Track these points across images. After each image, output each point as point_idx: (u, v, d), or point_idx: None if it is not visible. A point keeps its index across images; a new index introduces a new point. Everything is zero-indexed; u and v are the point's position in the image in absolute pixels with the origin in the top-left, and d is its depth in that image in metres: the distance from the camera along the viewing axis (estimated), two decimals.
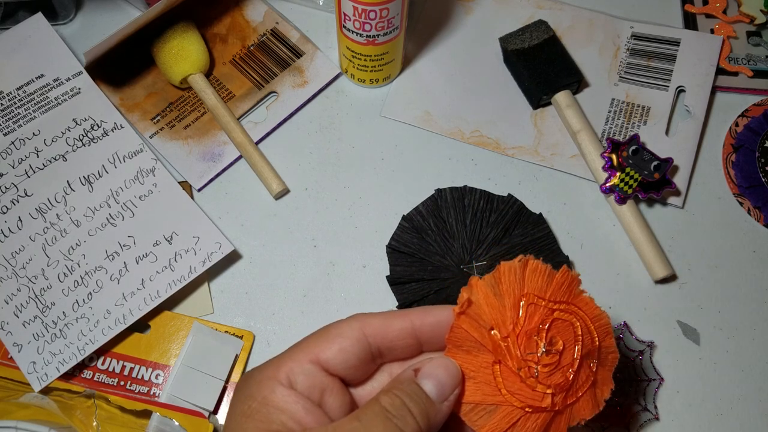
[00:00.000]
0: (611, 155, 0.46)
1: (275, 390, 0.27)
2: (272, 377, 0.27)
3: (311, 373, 0.28)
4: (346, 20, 0.44)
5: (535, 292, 0.28)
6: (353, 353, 0.28)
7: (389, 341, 0.29)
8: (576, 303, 0.29)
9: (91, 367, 0.42)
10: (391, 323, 0.29)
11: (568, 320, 0.28)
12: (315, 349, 0.28)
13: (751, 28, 0.53)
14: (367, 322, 0.29)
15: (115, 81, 0.50)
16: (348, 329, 0.28)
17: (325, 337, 0.28)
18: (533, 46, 0.49)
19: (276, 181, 0.46)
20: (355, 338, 0.28)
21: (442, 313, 0.29)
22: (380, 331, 0.29)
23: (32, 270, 0.43)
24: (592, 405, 0.29)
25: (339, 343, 0.28)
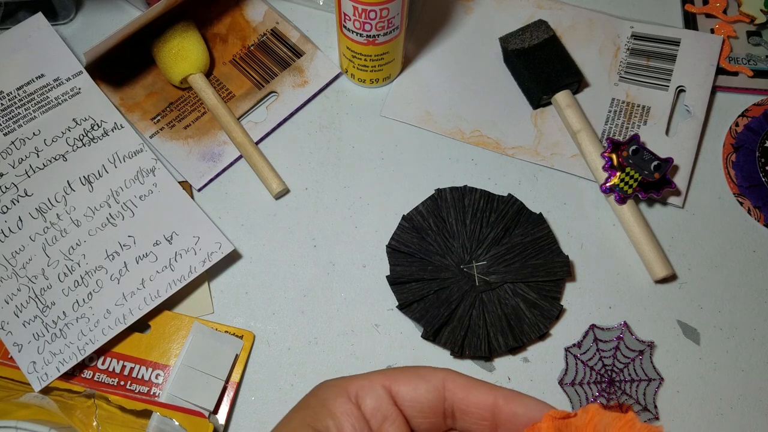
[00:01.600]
0: (611, 155, 0.46)
1: (337, 398, 0.27)
2: (342, 387, 0.28)
3: (380, 397, 0.27)
4: (347, 20, 0.44)
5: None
6: (426, 399, 0.28)
7: (466, 406, 0.28)
8: None
9: (91, 367, 0.42)
10: (474, 389, 0.28)
11: None
12: (391, 379, 0.28)
13: (751, 28, 0.53)
14: (451, 377, 0.28)
15: (115, 81, 0.50)
16: (432, 375, 0.28)
17: (406, 372, 0.28)
18: (533, 46, 0.49)
19: (276, 181, 0.46)
20: (433, 384, 0.28)
21: (531, 407, 0.27)
22: (461, 392, 0.28)
23: (32, 270, 0.43)
24: None
25: (416, 383, 0.28)
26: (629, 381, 0.42)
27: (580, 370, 0.42)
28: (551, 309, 0.43)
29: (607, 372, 0.42)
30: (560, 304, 0.44)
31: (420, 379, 0.28)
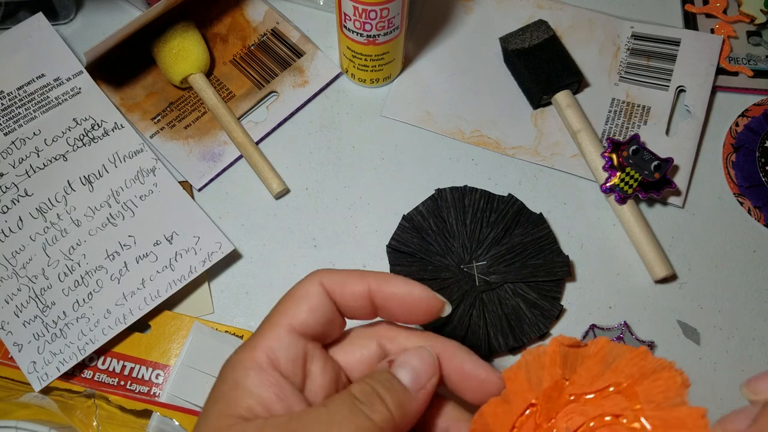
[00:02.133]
0: (611, 155, 0.46)
1: (249, 373, 0.26)
2: (248, 359, 0.26)
3: (291, 344, 0.27)
4: (347, 20, 0.44)
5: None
6: (322, 310, 0.28)
7: (345, 300, 0.28)
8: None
9: (91, 367, 0.42)
10: (348, 282, 0.28)
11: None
12: (287, 318, 0.27)
13: (751, 28, 0.53)
14: (326, 278, 0.28)
15: (115, 81, 0.50)
16: (311, 287, 0.28)
17: (291, 301, 0.28)
18: (533, 46, 0.49)
19: (276, 181, 0.46)
20: (320, 295, 0.28)
21: (399, 287, 0.28)
22: (338, 289, 0.28)
23: (32, 270, 0.43)
24: None
25: (307, 303, 0.27)
26: None
27: None
28: (551, 309, 0.43)
29: None
30: (560, 304, 0.44)
31: (306, 298, 0.28)
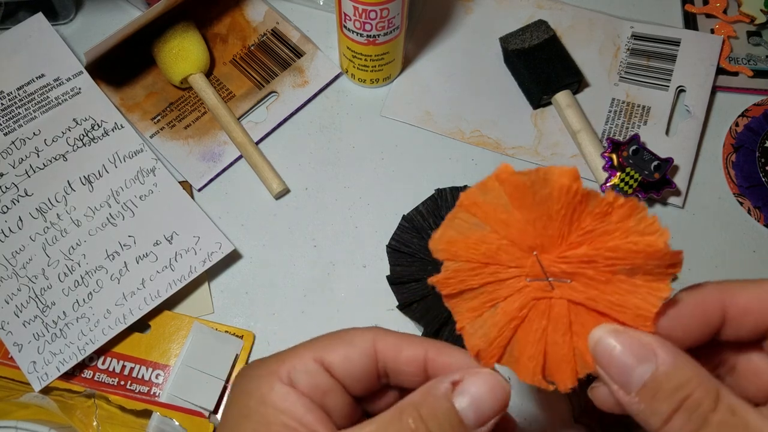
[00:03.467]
0: (611, 155, 0.46)
1: (274, 387, 0.25)
2: (273, 373, 0.26)
3: (314, 373, 0.26)
4: (347, 20, 0.44)
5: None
6: (359, 365, 0.26)
7: (397, 365, 0.27)
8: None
9: (91, 367, 0.42)
10: (404, 347, 0.26)
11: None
12: (320, 350, 0.26)
13: (751, 28, 0.53)
14: (381, 338, 0.27)
15: (115, 81, 0.50)
16: (360, 339, 0.27)
17: (334, 340, 0.27)
18: (533, 46, 0.49)
19: (276, 181, 0.46)
20: (364, 349, 0.26)
21: (459, 357, 0.26)
22: (392, 352, 0.26)
23: (32, 270, 0.43)
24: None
25: (346, 351, 0.26)
26: None
27: None
28: None
29: None
30: None
31: (350, 347, 0.26)
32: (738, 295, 0.25)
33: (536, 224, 0.25)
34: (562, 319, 0.25)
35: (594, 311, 0.25)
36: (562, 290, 0.25)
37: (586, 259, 0.24)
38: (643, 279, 0.24)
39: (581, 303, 0.25)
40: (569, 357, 0.25)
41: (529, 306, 0.25)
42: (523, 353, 0.25)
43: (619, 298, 0.24)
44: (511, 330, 0.26)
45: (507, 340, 0.26)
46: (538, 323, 0.25)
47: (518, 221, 0.25)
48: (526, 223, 0.25)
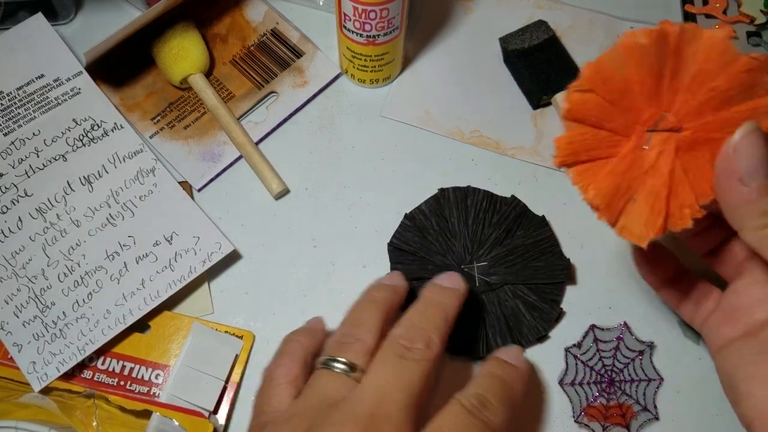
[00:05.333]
0: None
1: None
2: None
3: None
4: (346, 20, 0.44)
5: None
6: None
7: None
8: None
9: (91, 367, 0.42)
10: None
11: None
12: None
13: (751, 29, 0.53)
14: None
15: (115, 81, 0.50)
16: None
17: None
18: (533, 46, 0.49)
19: (276, 181, 0.46)
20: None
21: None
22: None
23: (32, 270, 0.43)
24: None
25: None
26: (629, 381, 0.42)
27: (580, 370, 0.42)
28: (551, 311, 0.43)
29: (607, 372, 0.42)
30: (560, 307, 0.44)
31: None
32: None
33: (671, 83, 0.28)
34: (663, 169, 0.28)
35: (707, 150, 0.28)
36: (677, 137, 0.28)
37: (696, 103, 0.28)
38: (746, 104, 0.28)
39: (696, 141, 0.28)
40: (662, 198, 0.28)
41: (637, 156, 0.28)
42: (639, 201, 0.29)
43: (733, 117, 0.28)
44: (627, 179, 0.29)
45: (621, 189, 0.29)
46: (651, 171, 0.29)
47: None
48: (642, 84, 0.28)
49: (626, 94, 0.29)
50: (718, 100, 0.28)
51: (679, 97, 0.28)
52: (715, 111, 0.28)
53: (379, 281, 0.39)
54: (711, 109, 0.28)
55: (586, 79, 0.29)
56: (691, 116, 0.28)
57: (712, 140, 0.28)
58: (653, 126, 0.29)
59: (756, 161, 0.27)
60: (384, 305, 0.37)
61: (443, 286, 0.37)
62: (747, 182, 0.27)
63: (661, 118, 0.28)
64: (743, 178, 0.27)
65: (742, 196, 0.27)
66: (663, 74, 0.28)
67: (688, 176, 0.28)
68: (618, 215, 0.29)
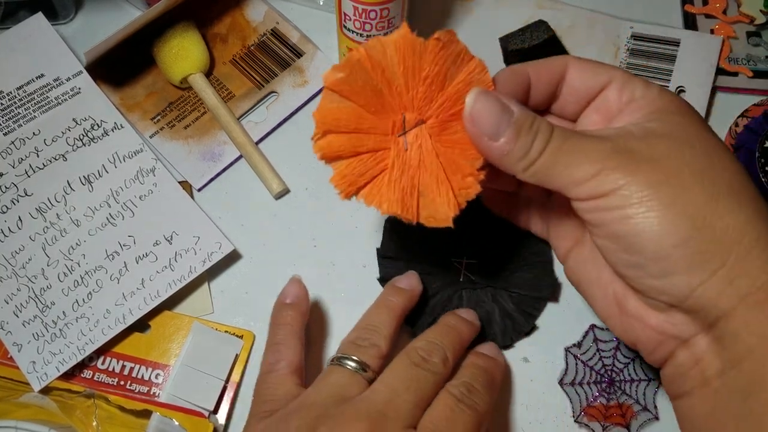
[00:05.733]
0: None
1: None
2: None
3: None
4: (347, 20, 0.44)
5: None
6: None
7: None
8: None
9: (91, 367, 0.42)
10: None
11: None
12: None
13: (751, 29, 0.53)
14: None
15: (115, 81, 0.50)
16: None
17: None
18: (533, 46, 0.49)
19: (276, 181, 0.46)
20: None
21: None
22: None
23: (32, 270, 0.43)
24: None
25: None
26: (629, 381, 0.42)
27: (580, 370, 0.42)
28: (524, 324, 0.42)
29: (607, 372, 0.42)
30: (535, 323, 0.43)
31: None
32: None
33: (392, 90, 0.31)
34: (429, 155, 0.31)
35: (453, 131, 0.31)
36: (422, 132, 0.31)
37: (437, 106, 0.31)
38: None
39: (442, 122, 0.31)
40: (443, 180, 0.31)
41: (395, 151, 0.31)
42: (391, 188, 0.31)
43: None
44: (374, 169, 0.31)
45: (367, 178, 0.31)
46: (401, 165, 0.31)
47: (382, 94, 0.31)
48: (387, 90, 0.31)
49: (360, 119, 0.31)
50: (437, 83, 0.30)
51: (405, 97, 0.31)
52: (441, 91, 0.31)
53: (395, 284, 0.41)
54: (437, 91, 0.31)
55: (318, 125, 0.31)
56: (426, 106, 0.31)
57: (455, 114, 0.31)
58: (402, 129, 0.31)
59: (492, 118, 0.30)
60: (399, 311, 0.39)
61: (463, 317, 0.40)
62: (496, 139, 0.30)
63: (403, 120, 0.31)
64: (491, 137, 0.30)
65: (499, 151, 0.30)
66: (379, 88, 0.30)
67: (455, 150, 0.31)
68: (417, 212, 0.31)
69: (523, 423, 0.42)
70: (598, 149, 0.29)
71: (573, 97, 0.34)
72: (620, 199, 0.29)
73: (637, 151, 0.29)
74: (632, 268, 0.30)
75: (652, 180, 0.28)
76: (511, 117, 0.30)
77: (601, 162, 0.29)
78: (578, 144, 0.30)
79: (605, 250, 0.31)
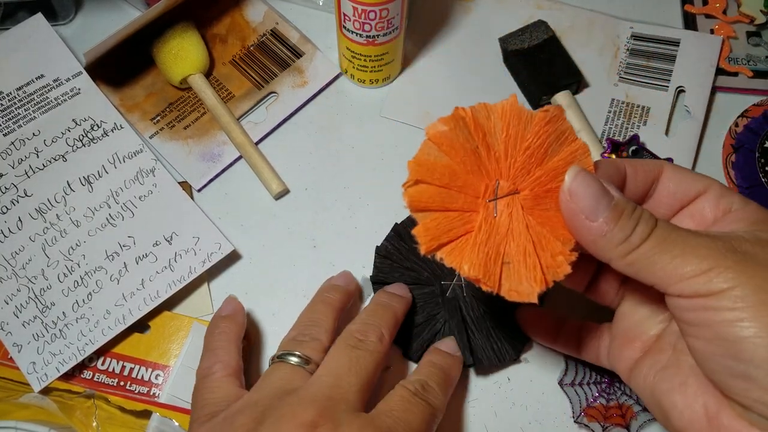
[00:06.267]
0: (611, 155, 0.46)
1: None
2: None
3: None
4: (346, 20, 0.44)
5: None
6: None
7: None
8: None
9: (90, 368, 0.42)
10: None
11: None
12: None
13: (750, 29, 0.53)
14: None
15: (115, 81, 0.50)
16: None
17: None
18: (533, 46, 0.49)
19: (276, 181, 0.46)
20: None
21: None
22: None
23: (32, 270, 0.43)
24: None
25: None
26: None
27: (580, 370, 0.42)
28: (506, 353, 0.41)
29: (607, 372, 0.42)
30: (519, 357, 0.42)
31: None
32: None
33: (490, 155, 0.30)
34: (519, 225, 0.30)
35: (545, 209, 0.30)
36: (515, 201, 0.31)
37: (532, 176, 0.30)
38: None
39: (537, 196, 0.30)
40: (531, 253, 0.30)
41: (483, 218, 0.30)
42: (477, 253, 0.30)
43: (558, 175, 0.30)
44: (458, 231, 0.30)
45: (449, 239, 0.30)
46: (488, 232, 0.30)
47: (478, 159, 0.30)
48: (484, 158, 0.30)
49: (454, 176, 0.30)
50: (537, 156, 0.30)
51: (503, 164, 0.30)
52: (539, 165, 0.30)
53: (331, 282, 0.42)
54: (535, 165, 0.30)
55: (412, 173, 0.30)
56: (522, 176, 0.30)
57: (551, 190, 0.30)
58: (493, 195, 0.30)
59: (592, 198, 0.29)
60: (337, 306, 0.40)
61: (393, 292, 0.41)
62: (594, 219, 0.29)
63: (497, 186, 0.30)
64: (588, 216, 0.29)
65: (595, 232, 0.29)
66: (478, 150, 0.30)
67: (545, 228, 0.30)
68: (499, 281, 0.29)
69: (523, 423, 0.42)
70: (710, 246, 0.27)
71: (667, 198, 0.33)
72: (732, 300, 0.26)
73: (752, 254, 0.27)
74: (738, 378, 0.27)
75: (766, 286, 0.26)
76: (611, 200, 0.29)
77: (714, 259, 0.27)
78: (688, 238, 0.28)
79: (704, 356, 0.28)
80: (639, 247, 0.28)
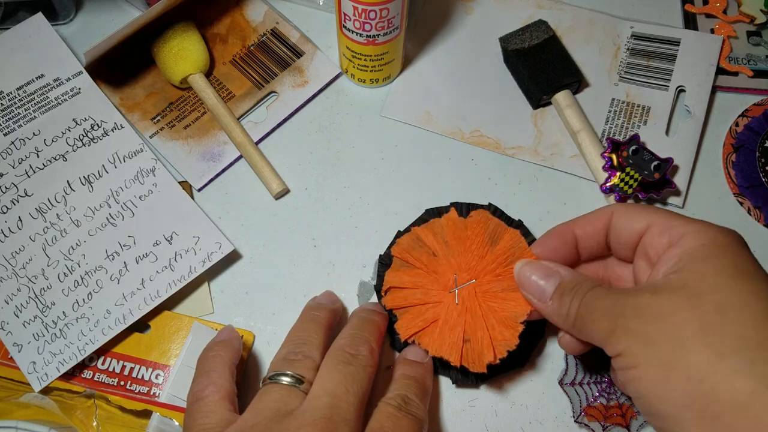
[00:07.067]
0: (611, 155, 0.46)
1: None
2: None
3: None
4: (346, 20, 0.44)
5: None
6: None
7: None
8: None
9: (91, 367, 0.42)
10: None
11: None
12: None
13: (751, 28, 0.53)
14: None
15: (115, 81, 0.50)
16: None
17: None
18: (533, 46, 0.49)
19: (276, 181, 0.46)
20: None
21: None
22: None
23: (32, 270, 0.43)
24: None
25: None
26: None
27: (581, 369, 0.42)
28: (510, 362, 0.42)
29: (607, 372, 0.42)
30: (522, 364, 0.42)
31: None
32: (578, 226, 0.36)
33: (447, 254, 0.39)
34: (476, 310, 0.37)
35: (497, 294, 0.38)
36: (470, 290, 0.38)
37: (485, 271, 0.38)
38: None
39: (487, 290, 0.38)
40: (485, 332, 0.37)
41: (446, 306, 0.38)
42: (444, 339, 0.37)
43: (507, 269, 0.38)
44: (425, 322, 0.38)
45: (420, 328, 0.38)
46: (452, 319, 0.38)
47: (440, 259, 0.39)
48: (447, 258, 0.39)
49: (418, 277, 0.39)
50: (482, 247, 0.38)
51: (459, 259, 0.38)
52: (487, 253, 0.38)
53: (316, 301, 0.42)
54: (484, 253, 0.38)
55: (385, 284, 0.40)
56: (476, 263, 0.38)
57: (500, 275, 0.38)
58: (454, 286, 0.38)
59: (538, 286, 0.35)
60: (325, 324, 0.39)
61: (371, 309, 0.41)
62: (544, 300, 0.34)
63: (455, 279, 0.38)
64: (539, 299, 0.35)
65: (547, 311, 0.34)
66: (434, 254, 0.39)
67: (499, 307, 0.37)
68: (461, 357, 0.37)
69: (523, 423, 0.42)
70: (615, 305, 0.30)
71: (618, 244, 0.35)
72: (628, 359, 0.29)
73: (645, 308, 0.29)
74: (656, 422, 0.29)
75: (653, 340, 0.28)
76: (558, 279, 0.33)
77: (614, 320, 0.30)
78: (604, 301, 0.31)
79: (635, 405, 0.31)
80: (575, 319, 0.32)
